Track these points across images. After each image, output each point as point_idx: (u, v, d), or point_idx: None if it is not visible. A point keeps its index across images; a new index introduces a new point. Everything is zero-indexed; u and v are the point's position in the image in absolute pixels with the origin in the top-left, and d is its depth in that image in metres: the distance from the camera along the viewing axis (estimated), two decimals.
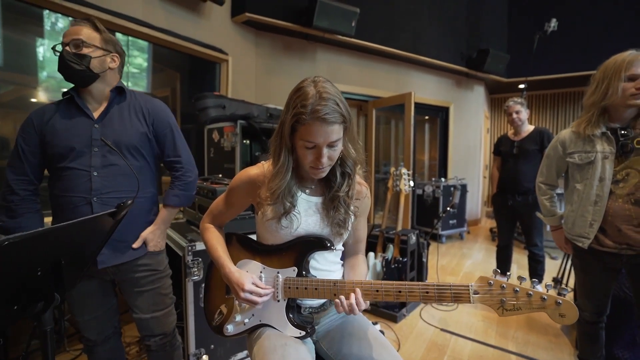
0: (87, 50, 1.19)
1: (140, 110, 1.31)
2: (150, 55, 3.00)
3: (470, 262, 3.96)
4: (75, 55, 1.17)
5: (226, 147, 2.47)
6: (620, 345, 1.90)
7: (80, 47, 1.18)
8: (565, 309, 0.69)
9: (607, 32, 5.02)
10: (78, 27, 1.20)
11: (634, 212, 1.39)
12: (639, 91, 1.34)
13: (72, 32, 1.19)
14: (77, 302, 1.28)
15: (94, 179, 1.19)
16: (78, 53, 1.17)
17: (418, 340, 2.23)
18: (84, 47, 1.18)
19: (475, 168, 6.14)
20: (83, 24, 1.21)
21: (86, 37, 1.19)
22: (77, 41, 1.18)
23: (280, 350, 0.86)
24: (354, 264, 1.07)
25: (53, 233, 0.78)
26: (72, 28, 1.20)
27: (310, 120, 0.80)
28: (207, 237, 1.06)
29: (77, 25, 1.21)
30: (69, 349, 1.98)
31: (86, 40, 1.19)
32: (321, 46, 4.07)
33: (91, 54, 1.19)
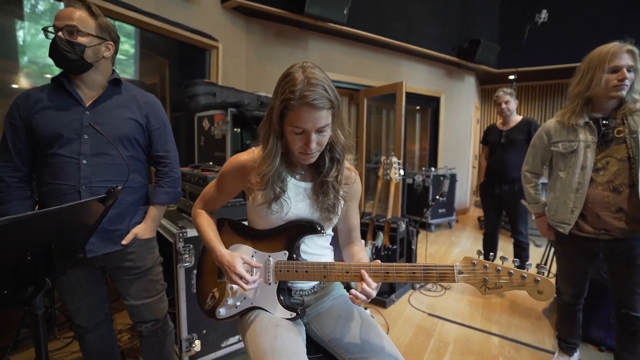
0: (82, 39, 1.14)
1: (136, 102, 1.29)
2: (137, 41, 2.93)
3: (458, 250, 4.06)
4: (68, 43, 1.12)
5: (217, 135, 2.45)
6: (596, 325, 2.00)
7: (75, 34, 1.13)
8: (543, 286, 0.72)
9: (596, 24, 5.08)
10: (72, 10, 1.14)
11: (612, 199, 1.44)
12: (620, 83, 1.38)
13: (66, 16, 1.13)
14: (68, 290, 1.28)
15: (82, 167, 1.17)
16: (72, 41, 1.13)
17: (406, 325, 2.30)
18: (78, 35, 1.13)
19: (465, 158, 6.22)
20: (78, 7, 1.15)
21: (81, 24, 1.14)
22: (72, 28, 1.12)
23: (272, 331, 0.89)
24: (353, 252, 1.07)
25: (43, 217, 0.78)
26: (66, 10, 1.14)
27: (299, 105, 0.80)
28: (199, 222, 1.07)
29: (71, 7, 1.15)
30: (59, 337, 1.98)
31: (81, 27, 1.14)
32: (313, 34, 4.03)
33: (86, 43, 1.15)
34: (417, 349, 2.02)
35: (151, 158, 1.37)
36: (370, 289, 0.83)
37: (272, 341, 0.85)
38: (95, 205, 0.96)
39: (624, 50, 1.38)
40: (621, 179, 1.43)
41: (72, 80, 1.21)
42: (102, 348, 1.40)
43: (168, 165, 1.38)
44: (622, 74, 1.38)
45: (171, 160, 1.38)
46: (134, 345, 1.94)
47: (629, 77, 1.38)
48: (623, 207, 1.43)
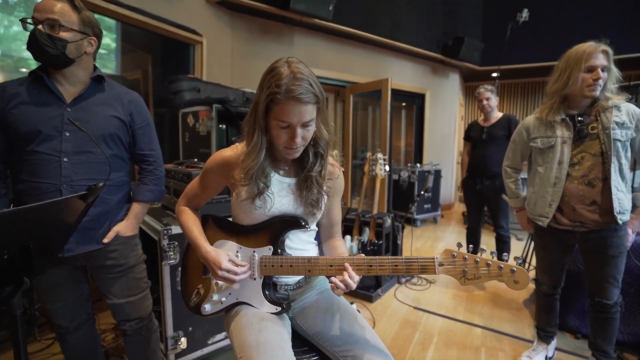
0: (64, 34, 1.10)
1: (119, 100, 1.26)
2: (118, 35, 2.86)
3: (443, 244, 4.14)
4: (49, 37, 1.08)
5: (202, 132, 2.42)
6: (572, 314, 2.08)
7: (56, 29, 1.09)
8: (518, 275, 0.75)
9: (574, 23, 5.23)
10: (53, 3, 1.09)
11: (586, 193, 1.51)
12: (595, 82, 1.43)
13: (47, 8, 1.08)
14: (47, 290, 1.24)
15: (64, 164, 1.14)
16: (53, 36, 1.08)
17: (392, 318, 2.34)
18: (60, 30, 1.09)
19: (449, 154, 6.33)
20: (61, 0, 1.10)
21: (62, 18, 1.09)
22: (53, 21, 1.08)
23: (257, 325, 0.89)
24: (334, 246, 1.10)
25: (20, 215, 0.76)
26: (46, 2, 1.09)
27: (285, 100, 0.81)
28: (183, 219, 1.07)
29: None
30: (40, 338, 1.93)
31: (63, 22, 1.09)
32: (299, 30, 4.01)
33: (68, 39, 1.11)
34: (402, 341, 2.06)
35: (135, 156, 1.35)
36: (352, 281, 0.85)
37: (257, 335, 0.86)
38: (76, 203, 0.94)
39: (599, 51, 1.43)
40: (595, 173, 1.49)
41: (52, 75, 1.17)
42: (84, 349, 1.37)
43: (153, 163, 1.36)
44: (597, 74, 1.43)
45: (156, 159, 1.37)
46: (118, 345, 1.91)
47: (602, 76, 1.43)
48: (597, 200, 1.49)
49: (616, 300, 1.57)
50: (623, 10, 4.99)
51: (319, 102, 0.85)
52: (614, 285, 1.55)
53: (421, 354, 1.94)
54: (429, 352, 1.96)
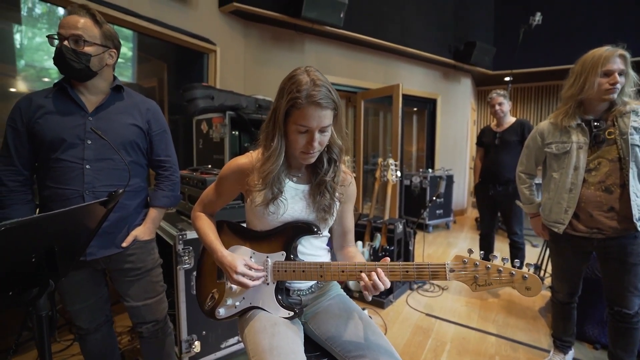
0: (88, 48, 1.16)
1: (137, 108, 1.32)
2: (135, 44, 2.96)
3: (455, 250, 4.08)
4: (74, 52, 1.14)
5: (215, 138, 2.47)
6: (590, 323, 2.03)
7: (81, 44, 1.15)
8: (530, 282, 0.75)
9: (589, 26, 5.14)
10: (77, 19, 1.15)
11: (604, 199, 1.48)
12: (612, 87, 1.41)
13: (72, 25, 1.14)
14: (69, 291, 1.29)
15: (86, 172, 1.19)
16: (78, 51, 1.14)
17: (404, 325, 2.32)
18: (85, 45, 1.15)
19: (461, 159, 6.27)
20: (82, 15, 1.16)
21: (86, 33, 1.15)
22: (77, 37, 1.14)
23: (270, 329, 0.91)
24: (349, 254, 1.10)
25: (47, 220, 0.80)
26: (70, 18, 1.15)
27: (306, 104, 0.84)
28: (199, 224, 1.10)
29: (75, 15, 1.16)
30: (59, 340, 1.99)
31: (87, 37, 1.15)
32: (310, 37, 4.06)
33: (92, 53, 1.17)
34: (414, 348, 2.04)
35: (152, 162, 1.40)
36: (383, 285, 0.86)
37: (271, 339, 0.87)
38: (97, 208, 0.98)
39: (616, 55, 1.42)
40: (612, 179, 1.46)
41: (75, 86, 1.23)
42: (103, 350, 1.41)
43: (169, 169, 1.41)
44: (614, 78, 1.41)
45: (172, 165, 1.42)
46: (133, 347, 1.95)
47: (620, 81, 1.41)
48: (614, 207, 1.46)
49: (637, 310, 1.52)
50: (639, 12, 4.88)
51: (336, 108, 0.89)
52: (635, 294, 1.50)
53: None
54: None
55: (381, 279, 0.85)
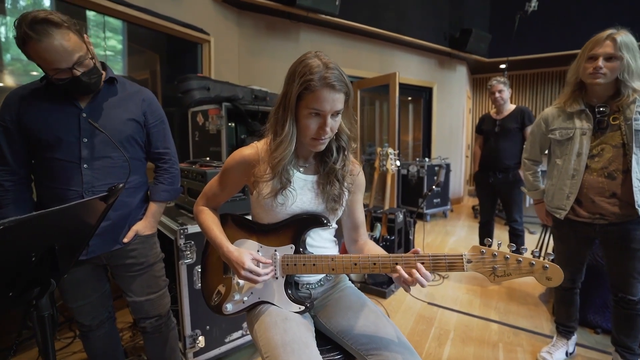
0: (89, 61, 1.08)
1: (132, 101, 1.26)
2: (125, 36, 2.86)
3: (454, 239, 4.11)
4: (88, 74, 1.08)
5: (211, 130, 2.42)
6: (592, 309, 2.05)
7: (83, 62, 1.06)
8: (551, 272, 0.74)
9: (585, 12, 5.11)
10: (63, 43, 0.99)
11: (606, 185, 1.47)
12: (595, 71, 1.40)
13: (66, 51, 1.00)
14: (70, 289, 1.26)
15: (84, 171, 1.15)
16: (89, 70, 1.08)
17: (407, 314, 2.33)
18: (84, 59, 1.06)
19: (458, 148, 6.27)
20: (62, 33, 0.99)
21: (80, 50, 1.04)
22: (78, 59, 1.04)
23: (282, 324, 0.89)
24: (368, 249, 1.05)
25: (46, 218, 0.76)
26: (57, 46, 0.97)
27: (320, 87, 0.81)
28: (202, 219, 1.06)
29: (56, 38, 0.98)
30: (59, 338, 1.96)
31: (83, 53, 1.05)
32: (305, 26, 3.98)
33: (95, 62, 1.11)
34: (418, 337, 2.05)
35: (150, 155, 1.35)
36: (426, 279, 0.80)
37: (283, 334, 0.85)
38: (97, 204, 0.94)
39: (603, 38, 1.40)
40: (615, 165, 1.46)
41: None
42: (106, 346, 1.39)
43: (168, 161, 1.36)
44: (596, 63, 1.40)
45: (171, 157, 1.37)
46: (135, 344, 1.93)
47: (604, 65, 1.39)
48: (617, 192, 1.46)
49: None
50: None
51: (348, 93, 0.87)
52: (639, 280, 1.51)
53: (438, 349, 1.93)
54: (446, 348, 1.94)
55: (422, 273, 0.80)
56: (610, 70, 1.40)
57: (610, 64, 1.39)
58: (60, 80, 1.05)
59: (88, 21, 2.47)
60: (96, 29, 2.61)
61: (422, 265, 0.82)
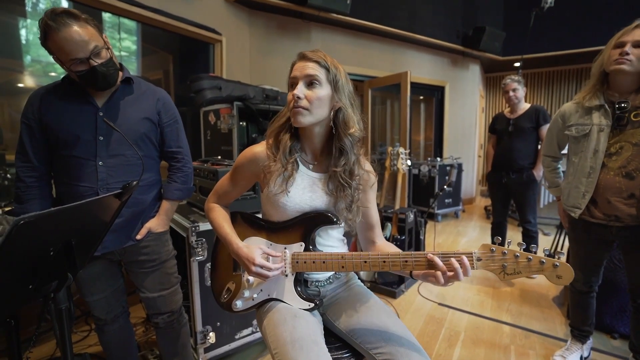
0: (105, 52, 1.12)
1: (147, 100, 1.29)
2: (139, 36, 2.92)
3: (465, 239, 4.05)
4: (105, 65, 1.11)
5: (223, 129, 2.45)
6: (609, 314, 1.99)
7: (100, 53, 1.09)
8: (562, 270, 0.72)
9: (603, 8, 4.96)
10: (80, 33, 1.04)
11: (624, 185, 1.42)
12: (620, 57, 1.35)
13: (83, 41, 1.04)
14: (86, 283, 1.29)
15: (100, 168, 1.18)
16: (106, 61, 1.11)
17: (416, 315, 2.31)
18: (102, 51, 1.10)
19: (470, 147, 6.18)
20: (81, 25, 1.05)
21: (96, 40, 1.08)
22: (94, 49, 1.07)
23: (291, 321, 0.89)
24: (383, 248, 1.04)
25: (64, 213, 0.79)
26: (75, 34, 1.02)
27: (297, 60, 0.92)
28: (213, 216, 1.08)
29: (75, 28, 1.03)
30: (75, 331, 2.02)
31: (99, 44, 1.09)
32: (316, 25, 3.99)
33: (110, 54, 1.14)
34: (428, 338, 2.04)
35: (164, 154, 1.38)
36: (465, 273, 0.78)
37: (292, 331, 0.86)
38: (111, 201, 0.97)
39: (633, 27, 1.36)
40: (635, 164, 1.40)
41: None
42: (121, 340, 1.42)
43: (181, 160, 1.39)
44: (622, 49, 1.35)
45: (184, 156, 1.39)
46: (148, 338, 1.97)
47: (632, 51, 1.34)
48: (635, 193, 1.40)
49: None
50: None
51: (328, 69, 0.90)
52: None
53: (448, 350, 1.91)
54: (456, 350, 1.92)
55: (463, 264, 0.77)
56: (637, 57, 1.34)
57: (638, 51, 1.34)
58: (78, 72, 1.09)
59: (104, 23, 2.53)
60: (112, 30, 2.67)
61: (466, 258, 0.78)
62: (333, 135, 0.94)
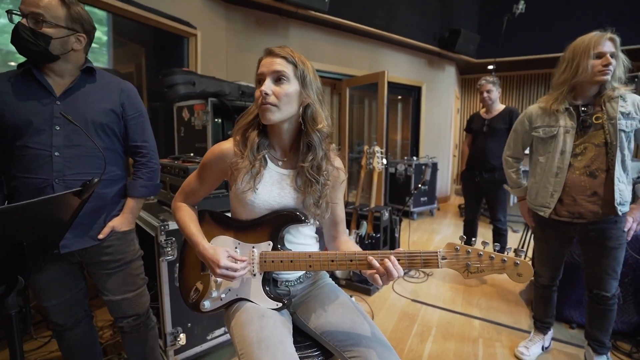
0: (48, 29, 1.05)
1: (110, 90, 1.23)
2: (110, 28, 2.80)
3: (439, 237, 4.16)
4: (32, 32, 1.03)
5: (197, 126, 2.39)
6: (568, 305, 2.11)
7: (40, 23, 1.04)
8: (522, 268, 0.75)
9: (572, 15, 5.20)
10: None
11: (588, 184, 1.50)
12: (605, 68, 1.42)
13: (33, 1, 1.02)
14: (44, 287, 1.22)
15: (55, 159, 1.12)
16: (36, 31, 1.04)
17: (390, 311, 2.35)
18: (44, 25, 1.05)
19: (445, 147, 6.34)
20: None
21: (48, 13, 1.04)
22: (37, 15, 1.03)
23: (258, 321, 0.88)
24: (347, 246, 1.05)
25: (14, 212, 0.74)
26: None
27: (263, 55, 0.91)
28: (180, 215, 1.05)
29: None
30: (36, 337, 1.91)
31: (48, 17, 1.04)
32: (294, 22, 3.96)
33: (52, 35, 1.06)
34: (401, 333, 2.07)
35: (128, 149, 1.32)
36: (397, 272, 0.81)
37: (259, 331, 0.85)
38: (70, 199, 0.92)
39: (606, 38, 1.43)
40: (597, 164, 1.48)
41: (41, 68, 1.13)
42: (82, 346, 1.36)
43: (146, 155, 1.33)
44: (607, 59, 1.42)
45: (149, 151, 1.34)
46: (116, 342, 1.90)
47: (612, 62, 1.42)
48: (598, 191, 1.48)
49: (614, 292, 1.58)
50: (620, 2, 4.96)
51: (295, 63, 0.89)
52: (613, 277, 1.55)
53: (420, 346, 1.96)
54: (428, 344, 1.97)
55: (395, 266, 0.80)
56: (613, 67, 1.43)
57: (613, 62, 1.43)
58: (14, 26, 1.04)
59: None
60: None
61: (395, 259, 0.82)
62: (302, 131, 0.94)
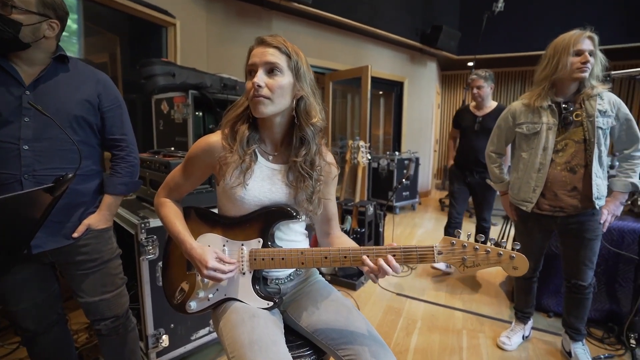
0: (17, 15, 0.97)
1: (85, 80, 1.15)
2: (80, 14, 2.64)
3: (422, 230, 4.22)
4: (0, 18, 0.95)
5: (177, 119, 2.30)
6: (545, 294, 2.19)
7: (9, 8, 0.96)
8: (517, 262, 0.75)
9: (549, 15, 5.35)
10: None
11: (568, 179, 1.55)
12: (583, 65, 1.46)
13: None
14: (11, 290, 1.13)
15: (24, 153, 1.03)
16: (5, 16, 0.95)
17: (376, 305, 2.36)
18: (14, 10, 0.96)
19: (426, 142, 6.43)
20: None
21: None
22: (6, 0, 0.95)
23: (249, 322, 0.85)
24: (341, 242, 1.02)
25: None
26: None
27: (254, 45, 0.86)
28: (164, 212, 0.99)
29: None
30: (2, 343, 1.79)
31: (18, 2, 0.96)
32: (277, 14, 3.87)
33: (22, 21, 0.98)
34: (387, 327, 2.09)
35: (105, 142, 1.24)
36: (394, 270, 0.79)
37: (250, 333, 0.81)
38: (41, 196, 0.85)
39: (585, 36, 1.47)
40: (577, 159, 1.53)
41: (9, 56, 1.05)
42: (56, 351, 1.28)
43: (125, 149, 1.25)
44: (585, 57, 1.46)
45: (128, 144, 1.26)
46: (93, 345, 1.81)
47: (590, 60, 1.46)
48: (577, 186, 1.54)
49: (590, 282, 1.64)
50: (597, 2, 5.09)
51: (289, 54, 0.85)
52: (590, 267, 1.61)
53: (406, 339, 1.97)
54: (414, 337, 1.99)
55: (391, 265, 0.79)
56: (591, 65, 1.47)
57: (592, 60, 1.47)
58: None
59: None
60: None
61: (392, 257, 0.80)
62: (294, 125, 0.90)
